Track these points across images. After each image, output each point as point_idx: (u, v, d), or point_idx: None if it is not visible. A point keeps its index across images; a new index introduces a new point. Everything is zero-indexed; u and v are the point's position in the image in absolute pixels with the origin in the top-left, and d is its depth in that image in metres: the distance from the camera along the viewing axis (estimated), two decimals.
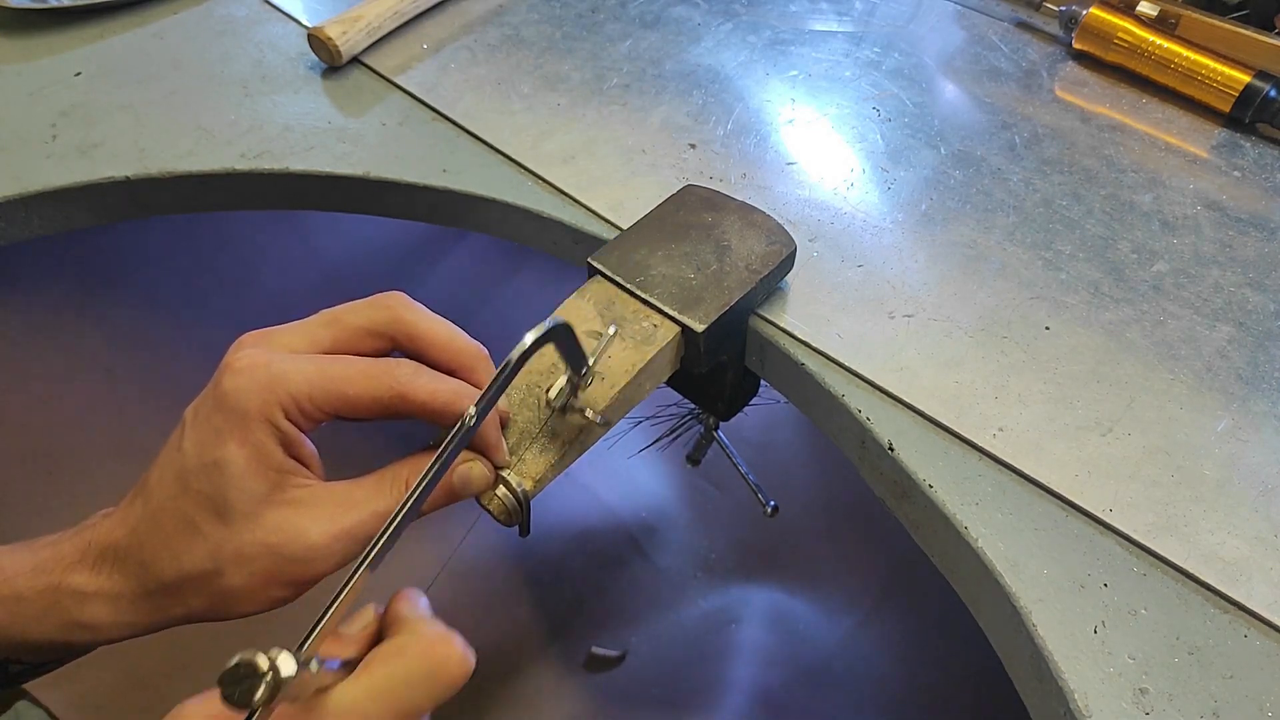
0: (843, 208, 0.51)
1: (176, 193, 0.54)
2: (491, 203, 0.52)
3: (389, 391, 0.32)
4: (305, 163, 0.53)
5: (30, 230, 0.53)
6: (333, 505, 0.32)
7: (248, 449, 0.31)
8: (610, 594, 0.83)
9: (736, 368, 0.49)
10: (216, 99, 0.58)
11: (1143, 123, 0.57)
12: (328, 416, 0.32)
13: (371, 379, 0.32)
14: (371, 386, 0.32)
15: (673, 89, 0.59)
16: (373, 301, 0.34)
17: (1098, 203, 0.52)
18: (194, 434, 0.31)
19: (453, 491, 0.34)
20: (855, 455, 0.44)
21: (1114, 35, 0.60)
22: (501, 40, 0.63)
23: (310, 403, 0.31)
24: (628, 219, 0.49)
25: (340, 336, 0.33)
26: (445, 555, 0.80)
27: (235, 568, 0.31)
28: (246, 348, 0.32)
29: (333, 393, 0.32)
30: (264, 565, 0.31)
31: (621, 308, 0.41)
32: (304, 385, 0.31)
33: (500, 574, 0.81)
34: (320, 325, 0.34)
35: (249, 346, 0.32)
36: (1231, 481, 0.39)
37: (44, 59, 0.61)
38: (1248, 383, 0.43)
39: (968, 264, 0.48)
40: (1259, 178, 0.53)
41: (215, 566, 0.31)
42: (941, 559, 0.40)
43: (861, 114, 0.58)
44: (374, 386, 0.32)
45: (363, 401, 0.32)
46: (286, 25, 0.64)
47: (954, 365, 0.43)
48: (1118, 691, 0.33)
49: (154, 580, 0.32)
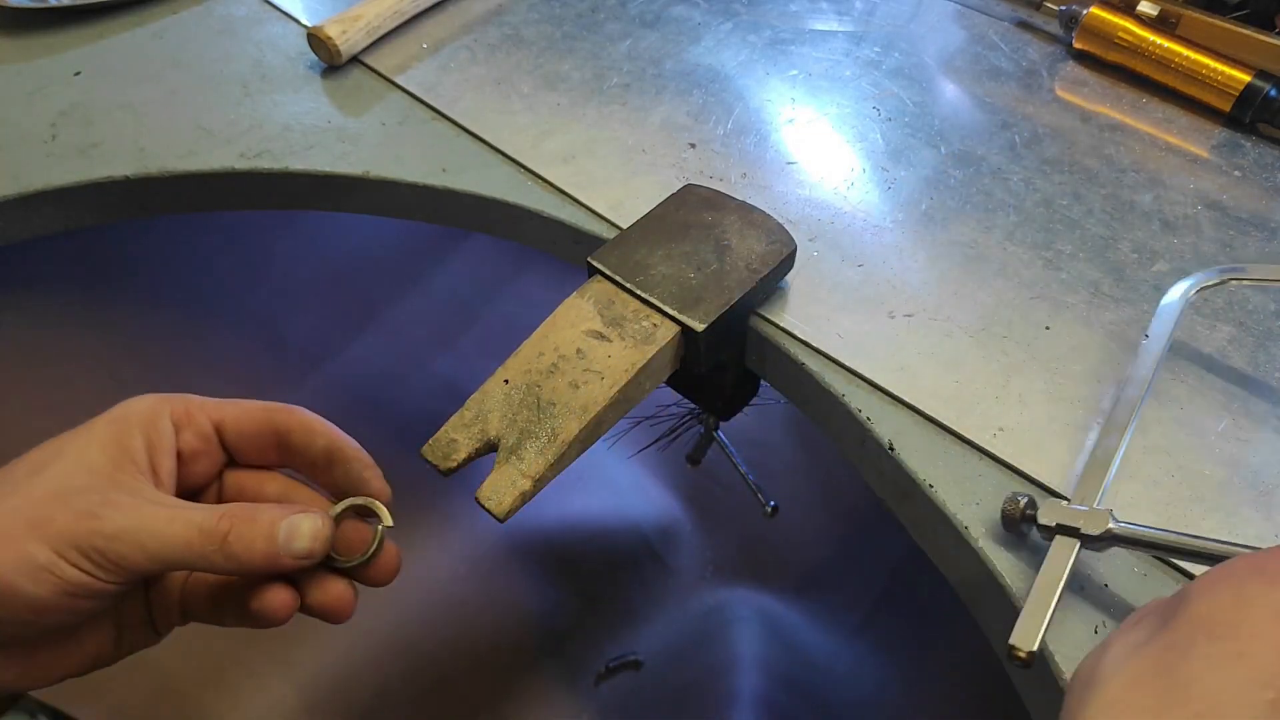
0: (843, 207, 0.51)
1: (176, 192, 0.54)
2: (491, 202, 0.52)
3: (277, 407, 0.34)
4: (305, 162, 0.53)
5: (30, 230, 0.53)
6: (148, 502, 0.31)
7: (112, 428, 0.32)
8: (610, 596, 0.83)
9: (736, 367, 0.49)
10: (216, 98, 0.58)
11: (1143, 122, 0.57)
12: (212, 428, 0.34)
13: (267, 403, 0.35)
14: (263, 406, 0.35)
15: (673, 88, 0.59)
16: (271, 404, 0.36)
17: (1098, 202, 0.52)
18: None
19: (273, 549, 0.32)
20: (855, 455, 0.44)
21: (1114, 35, 0.60)
22: (501, 40, 0.63)
23: (200, 408, 0.34)
24: (628, 219, 0.49)
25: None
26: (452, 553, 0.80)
27: (14, 503, 0.29)
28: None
29: (226, 404, 0.34)
30: (41, 511, 0.29)
31: (621, 307, 0.41)
32: (200, 398, 0.34)
33: (502, 574, 0.81)
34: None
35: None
36: (1231, 481, 0.39)
37: (43, 58, 0.61)
38: (1248, 383, 0.43)
39: (968, 264, 0.48)
40: (1259, 177, 0.53)
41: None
42: (941, 559, 0.40)
43: (862, 113, 0.58)
44: (266, 406, 0.35)
45: (251, 412, 0.34)
46: (286, 25, 0.64)
47: (954, 365, 0.43)
48: None
49: None
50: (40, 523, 0.29)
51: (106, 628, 0.34)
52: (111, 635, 0.34)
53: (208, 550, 0.30)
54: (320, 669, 0.69)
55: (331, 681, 0.69)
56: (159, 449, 0.33)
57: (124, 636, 0.35)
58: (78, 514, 0.29)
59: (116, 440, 0.31)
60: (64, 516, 0.29)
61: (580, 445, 0.38)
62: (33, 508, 0.29)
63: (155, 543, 0.29)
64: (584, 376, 0.38)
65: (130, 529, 0.29)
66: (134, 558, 0.29)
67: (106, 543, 0.29)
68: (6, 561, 0.28)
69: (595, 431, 0.38)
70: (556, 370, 0.38)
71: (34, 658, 0.32)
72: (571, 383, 0.38)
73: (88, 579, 0.29)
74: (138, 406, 0.33)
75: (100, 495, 0.30)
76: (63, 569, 0.28)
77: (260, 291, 0.81)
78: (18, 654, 0.31)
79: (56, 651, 0.32)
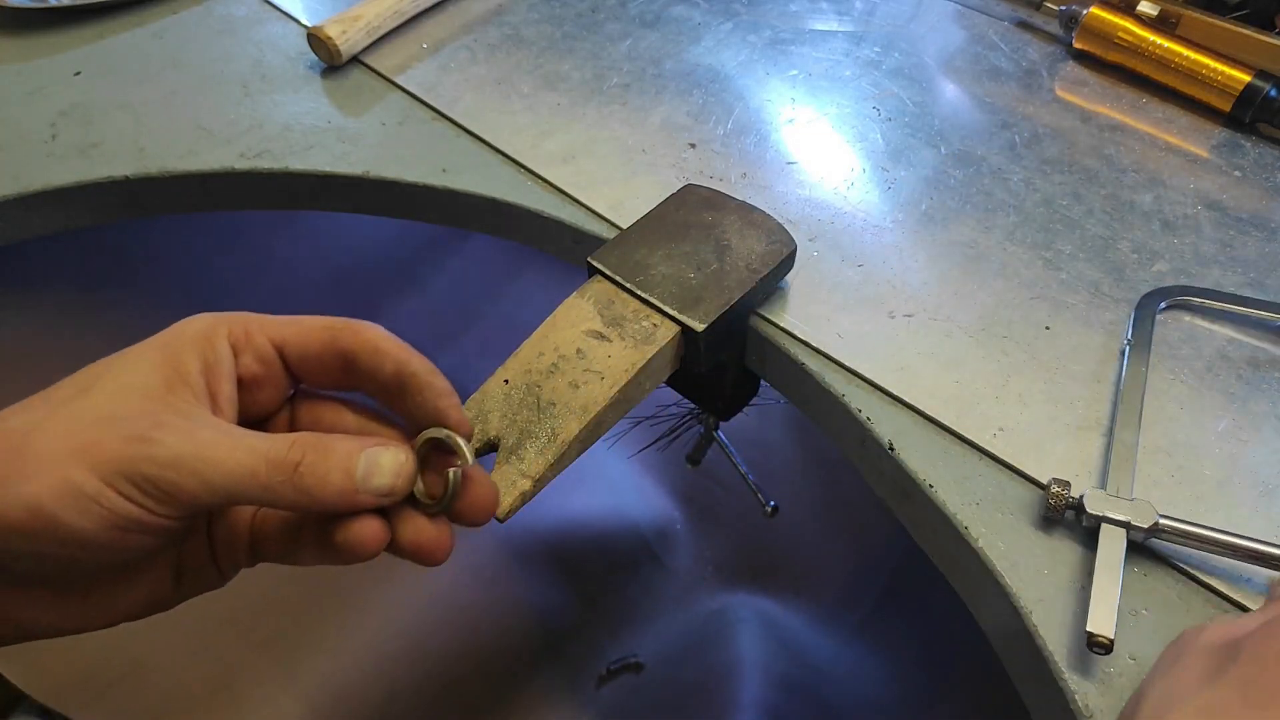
0: (843, 207, 0.51)
1: (176, 192, 0.54)
2: (491, 202, 0.52)
3: (341, 324, 0.30)
4: (305, 162, 0.53)
5: (30, 230, 0.53)
6: (207, 427, 0.27)
7: (166, 349, 0.28)
8: (611, 597, 0.83)
9: (736, 368, 0.49)
10: (216, 99, 0.58)
11: (1143, 122, 0.57)
12: (273, 348, 0.30)
13: (328, 318, 0.31)
14: (324, 321, 0.30)
15: (673, 88, 0.59)
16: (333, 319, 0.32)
17: (1098, 202, 0.52)
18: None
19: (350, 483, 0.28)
20: (855, 455, 0.44)
21: (1114, 35, 0.60)
22: (501, 40, 0.63)
23: (260, 327, 0.30)
24: (628, 218, 0.49)
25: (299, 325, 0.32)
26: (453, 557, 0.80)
27: (57, 425, 0.26)
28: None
29: (286, 321, 0.30)
30: (86, 435, 0.26)
31: (621, 307, 0.41)
32: (260, 316, 0.30)
33: (503, 577, 0.81)
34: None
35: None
36: (1231, 481, 0.39)
37: (43, 58, 0.61)
38: (1248, 383, 0.43)
39: (968, 264, 0.48)
40: (1259, 177, 0.53)
41: (35, 423, 0.26)
42: (941, 559, 0.40)
43: (862, 113, 0.58)
44: (327, 321, 0.30)
45: (313, 331, 0.30)
46: (286, 25, 0.64)
47: (954, 365, 0.43)
48: (1118, 692, 0.33)
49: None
50: (85, 448, 0.25)
51: (164, 567, 0.30)
52: (169, 576, 0.31)
53: (275, 482, 0.27)
54: (325, 678, 0.69)
55: (337, 689, 0.69)
56: (217, 373, 0.29)
57: (184, 578, 0.31)
58: (127, 438, 0.26)
59: (170, 361, 0.28)
60: (112, 441, 0.25)
61: (580, 445, 0.38)
62: (76, 431, 0.26)
63: (215, 472, 0.26)
64: (584, 376, 0.38)
65: (187, 456, 0.26)
66: (190, 488, 0.26)
67: (159, 471, 0.26)
68: (47, 489, 0.25)
69: (595, 431, 0.38)
70: (556, 370, 0.38)
71: (84, 599, 0.29)
72: (571, 383, 0.38)
73: (138, 511, 0.26)
74: (191, 327, 0.29)
75: (153, 419, 0.26)
76: (110, 499, 0.25)
77: (260, 291, 0.81)
78: (64, 593, 0.28)
79: (108, 593, 0.29)
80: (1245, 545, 0.35)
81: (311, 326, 0.30)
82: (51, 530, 0.25)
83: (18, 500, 0.24)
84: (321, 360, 0.31)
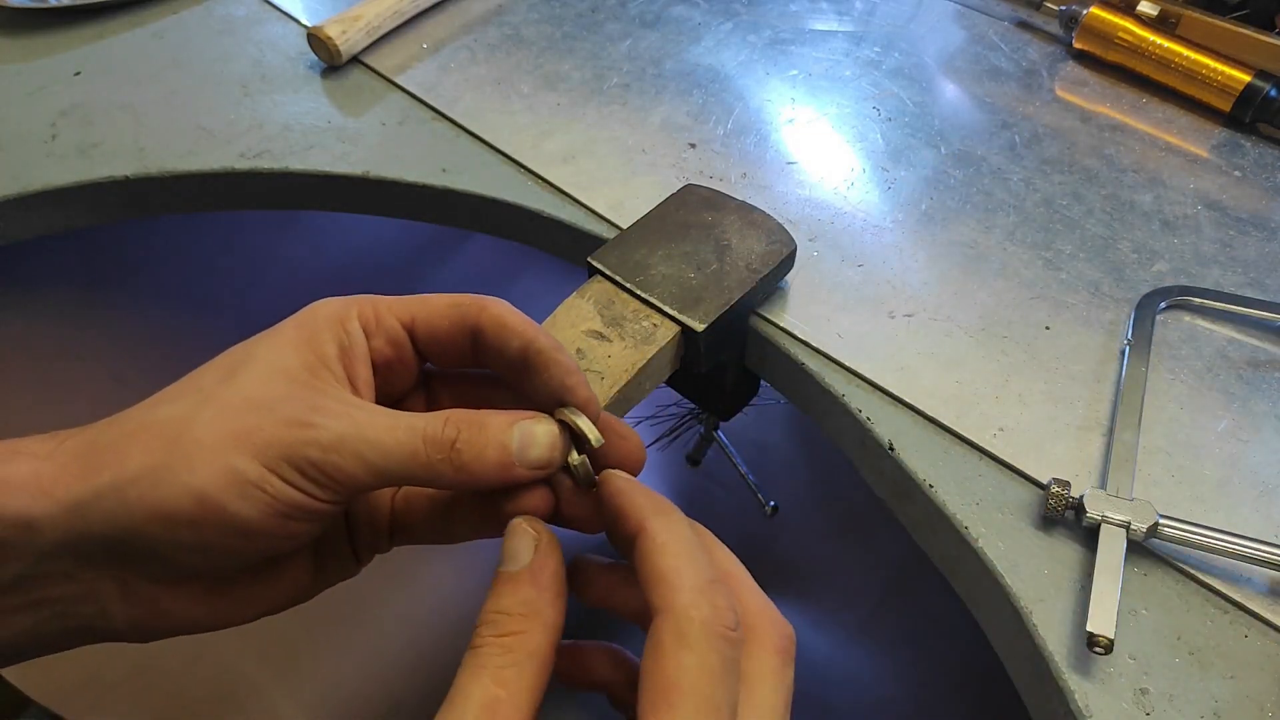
0: (843, 207, 0.51)
1: (176, 192, 0.54)
2: (491, 202, 0.52)
3: (467, 301, 0.29)
4: (305, 162, 0.53)
5: (30, 230, 0.53)
6: (360, 408, 0.27)
7: (302, 332, 0.28)
8: None
9: (736, 368, 0.49)
10: (216, 99, 0.58)
11: (1143, 122, 0.57)
12: (403, 329, 0.30)
13: (453, 295, 0.30)
14: (452, 296, 0.30)
15: (673, 88, 0.59)
16: (458, 294, 0.32)
17: (1098, 202, 0.52)
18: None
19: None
20: (855, 455, 0.44)
21: (1114, 35, 0.60)
22: (501, 40, 0.63)
23: (389, 310, 0.29)
24: (628, 218, 0.49)
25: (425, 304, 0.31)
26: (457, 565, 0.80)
27: (212, 413, 0.25)
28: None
29: (412, 301, 0.30)
30: (244, 421, 0.25)
31: (621, 307, 0.41)
32: (387, 298, 0.30)
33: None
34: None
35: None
36: (1231, 481, 0.39)
37: (44, 59, 0.61)
38: (1248, 383, 0.43)
39: (968, 264, 0.48)
40: (1259, 177, 0.53)
41: (191, 412, 0.26)
42: (941, 559, 0.40)
43: (862, 113, 0.58)
44: (455, 296, 0.30)
45: (439, 310, 0.30)
46: (286, 25, 0.64)
47: (954, 365, 0.43)
48: (1118, 692, 0.33)
49: (110, 432, 0.26)
50: (245, 434, 0.25)
51: (306, 558, 0.30)
52: (310, 566, 0.30)
53: (435, 460, 0.26)
54: (328, 686, 0.69)
55: (340, 698, 0.69)
56: (352, 356, 0.29)
57: (324, 566, 0.31)
58: (286, 422, 0.25)
59: (309, 344, 0.28)
60: (272, 426, 0.25)
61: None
62: (233, 418, 0.25)
63: (376, 453, 0.26)
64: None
65: (348, 438, 0.25)
66: (353, 471, 0.25)
67: (323, 454, 0.25)
68: (210, 478, 0.24)
69: None
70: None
71: (231, 593, 0.28)
72: None
73: (301, 496, 0.25)
74: (324, 310, 0.29)
75: (308, 403, 0.26)
76: (275, 485, 0.25)
77: (261, 291, 0.81)
78: (215, 587, 0.28)
79: (255, 586, 0.29)
80: (1245, 545, 0.35)
81: (438, 305, 0.30)
82: (218, 519, 0.24)
83: (184, 490, 0.24)
84: (450, 339, 0.30)
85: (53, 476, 0.25)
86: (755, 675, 0.25)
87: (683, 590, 0.24)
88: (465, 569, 0.79)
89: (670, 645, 0.23)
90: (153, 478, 0.24)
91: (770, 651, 0.26)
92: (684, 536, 0.25)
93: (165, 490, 0.24)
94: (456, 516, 0.31)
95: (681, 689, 0.22)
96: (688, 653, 0.23)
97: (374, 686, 0.70)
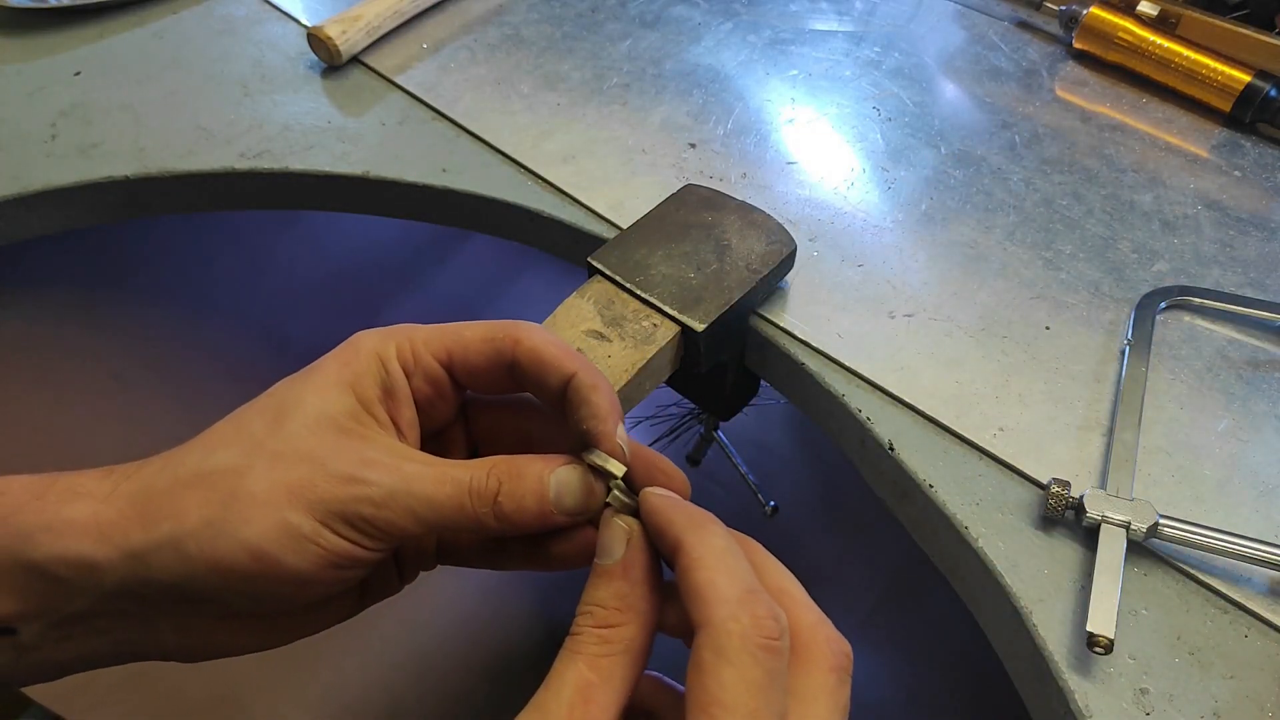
0: (843, 207, 0.51)
1: (176, 192, 0.54)
2: (491, 202, 0.52)
3: (503, 331, 0.30)
4: (305, 162, 0.53)
5: (30, 230, 0.53)
6: (408, 460, 0.28)
7: (345, 372, 0.28)
8: None
9: (736, 367, 0.49)
10: (216, 99, 0.58)
11: (1143, 122, 0.57)
12: (441, 367, 0.30)
13: (486, 325, 0.30)
14: (486, 328, 0.30)
15: (673, 89, 0.59)
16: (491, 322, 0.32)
17: (1098, 202, 0.52)
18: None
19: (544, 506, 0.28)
20: (855, 455, 0.44)
21: (1114, 35, 0.60)
22: (501, 40, 0.63)
23: (425, 345, 0.30)
24: (628, 219, 0.49)
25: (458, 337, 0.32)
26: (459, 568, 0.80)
27: (265, 465, 0.26)
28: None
29: (449, 334, 0.30)
30: (296, 475, 0.26)
31: (621, 307, 0.41)
32: (421, 331, 0.30)
33: (507, 584, 0.80)
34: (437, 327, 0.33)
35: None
36: (1231, 481, 0.39)
37: (44, 59, 0.61)
38: (1248, 383, 0.43)
39: (968, 264, 0.48)
40: (1259, 177, 0.53)
41: (244, 463, 0.26)
42: (941, 559, 0.40)
43: (862, 113, 0.58)
44: (489, 328, 0.30)
45: (473, 345, 0.30)
46: (286, 25, 0.64)
47: (954, 365, 0.43)
48: (1118, 692, 0.33)
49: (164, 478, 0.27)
50: (298, 488, 0.26)
51: (353, 585, 0.31)
52: (357, 593, 0.31)
53: (480, 512, 0.27)
54: (329, 689, 0.69)
55: (341, 701, 0.69)
56: (396, 398, 0.29)
57: (369, 590, 0.32)
58: (339, 479, 0.26)
59: (353, 387, 0.28)
60: (324, 482, 0.26)
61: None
62: (285, 470, 0.26)
63: (425, 507, 0.27)
64: None
65: (399, 493, 0.26)
66: (403, 524, 0.26)
67: (375, 510, 0.26)
68: (266, 532, 0.25)
69: None
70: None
71: (279, 623, 0.29)
72: None
73: (353, 548, 0.26)
74: (365, 346, 0.29)
75: (357, 455, 0.27)
76: (328, 539, 0.26)
77: (261, 291, 0.81)
78: (264, 620, 0.29)
79: (303, 616, 0.30)
80: (1245, 545, 0.35)
81: (473, 340, 0.30)
82: (273, 571, 0.25)
83: (240, 545, 0.25)
84: (488, 373, 0.30)
85: (111, 521, 0.26)
86: (808, 692, 0.24)
87: (719, 604, 0.24)
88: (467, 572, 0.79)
89: (710, 661, 0.23)
90: (210, 531, 0.25)
91: (825, 669, 0.25)
92: (718, 549, 0.25)
93: (223, 544, 0.25)
94: (506, 550, 0.32)
95: (724, 704, 0.22)
96: (727, 667, 0.22)
97: (375, 688, 0.70)
